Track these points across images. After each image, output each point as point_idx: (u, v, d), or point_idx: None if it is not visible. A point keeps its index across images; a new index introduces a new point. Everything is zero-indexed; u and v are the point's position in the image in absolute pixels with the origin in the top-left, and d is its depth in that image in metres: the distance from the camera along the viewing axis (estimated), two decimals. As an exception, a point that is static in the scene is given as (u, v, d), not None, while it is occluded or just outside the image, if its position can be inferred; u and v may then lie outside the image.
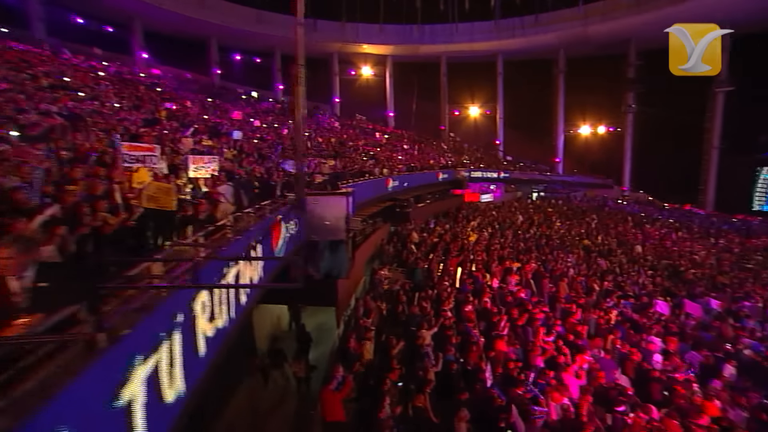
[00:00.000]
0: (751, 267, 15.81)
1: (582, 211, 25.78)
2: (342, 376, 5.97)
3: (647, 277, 13.12)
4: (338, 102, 40.38)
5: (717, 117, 32.65)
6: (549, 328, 8.73)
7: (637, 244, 18.09)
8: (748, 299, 11.70)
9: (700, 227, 23.51)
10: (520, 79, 39.58)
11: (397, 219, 17.50)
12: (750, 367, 8.00)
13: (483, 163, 31.25)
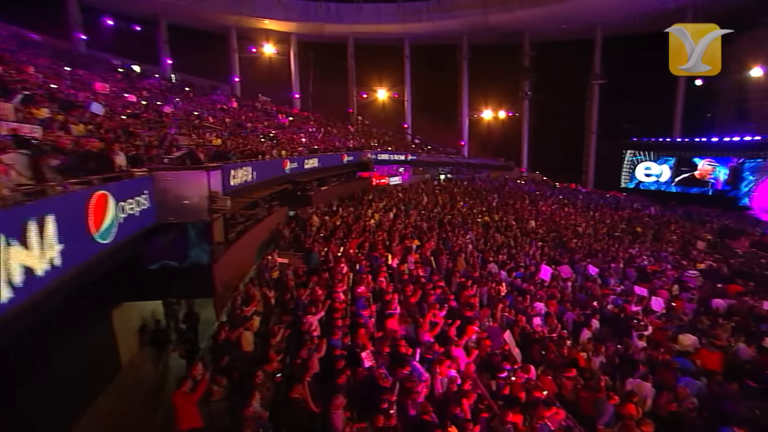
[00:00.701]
0: (617, 235, 18.08)
1: (485, 191, 27.34)
2: (200, 374, 5.17)
3: (537, 249, 14.13)
4: (239, 81, 37.45)
5: (594, 106, 37.12)
6: (443, 303, 8.78)
7: (531, 220, 19.56)
8: (614, 262, 13.21)
9: (583, 203, 26.45)
10: (427, 64, 40.62)
11: (298, 202, 16.65)
12: (610, 319, 8.91)
13: (391, 146, 31.50)
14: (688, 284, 11.89)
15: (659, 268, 13.10)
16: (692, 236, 18.94)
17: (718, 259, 15.25)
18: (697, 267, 13.73)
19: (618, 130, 35.70)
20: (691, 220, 23.55)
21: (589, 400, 5.99)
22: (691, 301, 10.50)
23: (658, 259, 14.49)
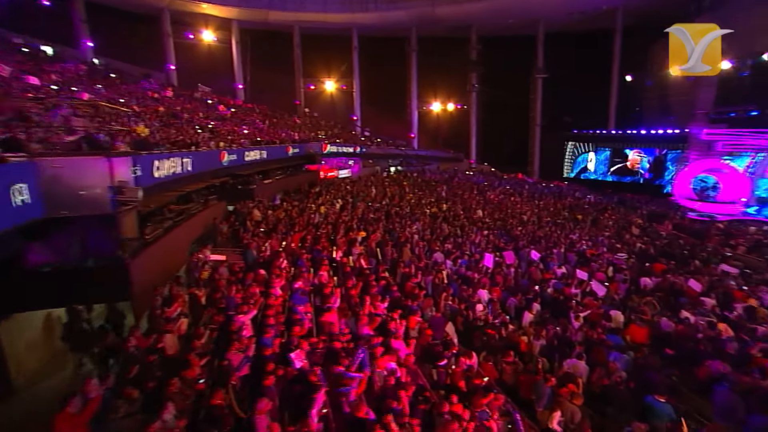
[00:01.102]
0: (560, 222, 18.89)
1: (434, 182, 27.59)
2: (94, 390, 4.52)
3: (483, 237, 14.34)
4: (175, 70, 34.99)
5: (538, 100, 38.71)
6: (385, 294, 8.58)
7: (478, 209, 19.94)
8: (556, 247, 13.70)
9: (528, 192, 27.48)
10: (375, 55, 40.30)
11: (239, 196, 15.77)
12: (550, 302, 9.15)
13: (340, 138, 30.93)
14: (621, 266, 12.55)
15: (596, 252, 13.74)
16: (626, 221, 20.20)
17: (646, 241, 16.30)
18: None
19: (560, 122, 37.52)
20: (624, 207, 25.16)
21: (527, 384, 6.02)
22: (624, 282, 11.05)
23: (595, 244, 15.21)
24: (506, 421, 5.34)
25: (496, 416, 5.34)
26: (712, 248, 16.46)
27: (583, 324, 8.11)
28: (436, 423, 5.05)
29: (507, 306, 8.93)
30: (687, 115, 30.39)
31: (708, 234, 18.90)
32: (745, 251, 16.04)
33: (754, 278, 12.07)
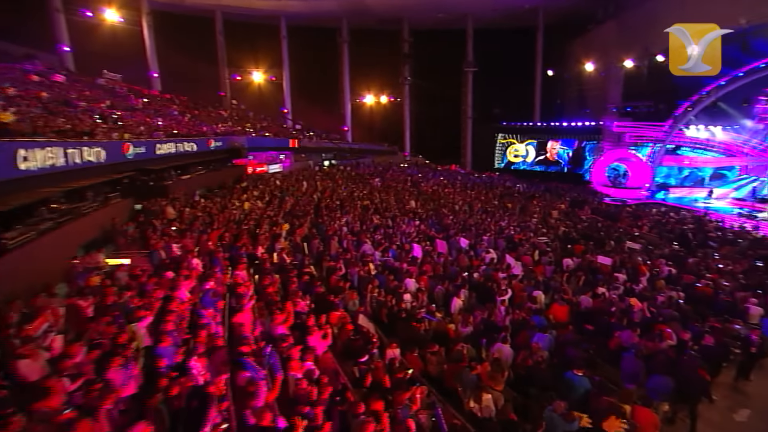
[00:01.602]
0: (490, 210, 19.49)
1: (368, 175, 27.34)
2: None
3: (414, 227, 14.25)
4: (70, 52, 30.93)
5: (468, 93, 39.96)
6: (308, 289, 8.04)
7: (411, 200, 19.95)
8: (486, 234, 13.98)
9: (461, 183, 28.23)
10: (306, 46, 39.02)
11: (150, 193, 14.23)
12: (477, 288, 9.17)
13: (269, 131, 29.52)
14: (544, 248, 13.09)
15: (524, 237, 14.23)
16: (551, 207, 21.37)
17: (569, 225, 17.31)
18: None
19: (490, 115, 39.06)
20: (550, 194, 26.72)
21: (452, 373, 5.82)
22: (549, 263, 11.49)
23: (523, 229, 15.79)
24: (429, 414, 5.08)
25: (418, 410, 5.06)
26: (624, 229, 17.98)
27: (509, 307, 8.17)
28: (352, 425, 4.64)
29: (435, 294, 8.78)
30: (600, 108, 33.06)
31: (620, 216, 20.62)
32: (648, 230, 17.68)
33: (655, 253, 13.20)
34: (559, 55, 35.65)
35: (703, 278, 11.05)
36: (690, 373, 6.36)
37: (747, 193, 25.39)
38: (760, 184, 25.32)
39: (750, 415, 7.01)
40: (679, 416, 6.56)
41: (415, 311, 7.58)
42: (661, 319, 8.06)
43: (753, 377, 7.94)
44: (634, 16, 30.42)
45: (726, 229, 18.62)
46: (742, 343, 7.64)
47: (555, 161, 35.82)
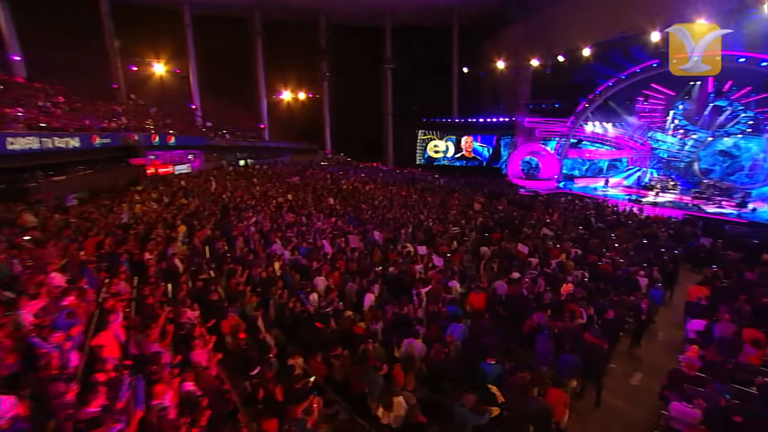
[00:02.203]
0: (410, 204, 19.51)
1: (286, 174, 26.14)
2: None
3: (329, 224, 13.61)
4: None
5: (388, 90, 40.18)
6: (201, 296, 7.01)
7: (329, 197, 19.26)
8: (404, 228, 13.78)
9: (383, 179, 28.15)
10: (215, 38, 36.16)
11: (1, 197, 11.88)
12: (393, 281, 8.80)
13: (175, 129, 26.88)
14: (463, 238, 13.22)
15: (442, 229, 14.26)
16: (471, 200, 22.00)
17: (486, 215, 17.86)
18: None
19: (410, 111, 39.65)
20: (470, 188, 27.66)
21: (357, 375, 5.27)
22: (466, 252, 11.53)
23: (442, 221, 15.89)
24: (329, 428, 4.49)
25: (317, 422, 4.45)
26: (537, 217, 19.01)
27: (426, 299, 7.87)
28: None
29: (347, 291, 8.22)
30: (513, 105, 35.14)
31: (534, 206, 21.91)
32: (557, 217, 18.89)
33: (564, 237, 14.01)
34: (474, 53, 37.29)
35: (603, 257, 11.87)
36: (594, 348, 6.52)
37: (634, 182, 28.59)
38: (642, 174, 28.63)
39: (642, 378, 7.49)
40: (586, 389, 6.74)
41: (321, 311, 6.94)
42: (570, 299, 8.33)
43: (643, 342, 8.56)
44: (538, 19, 32.78)
45: (620, 213, 20.56)
46: (635, 312, 8.15)
47: (473, 157, 37.36)
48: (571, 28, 28.43)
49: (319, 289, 8.02)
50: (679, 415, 5.49)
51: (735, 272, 11.24)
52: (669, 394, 5.92)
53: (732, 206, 22.24)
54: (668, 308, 10.41)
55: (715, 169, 25.97)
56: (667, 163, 27.93)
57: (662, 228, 17.07)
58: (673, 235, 16.15)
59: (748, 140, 24.60)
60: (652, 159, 28.63)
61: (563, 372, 6.01)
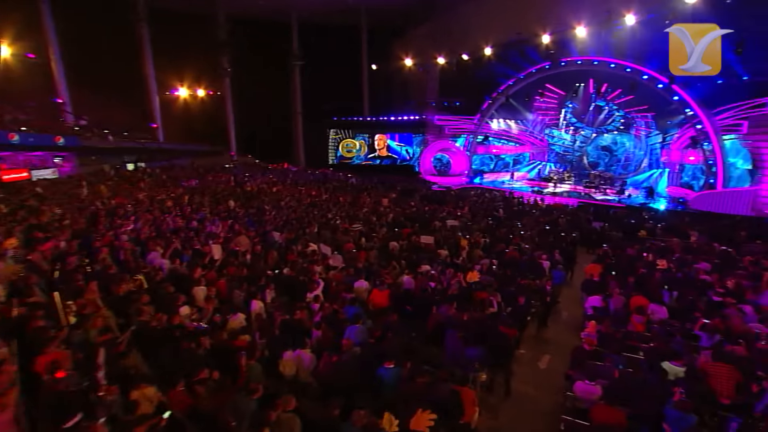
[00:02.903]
0: (318, 203, 18.66)
1: (183, 177, 23.62)
2: None
3: (224, 227, 12.23)
4: None
5: (297, 88, 38.59)
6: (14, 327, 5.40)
7: (230, 200, 17.63)
8: (309, 227, 12.88)
9: (292, 180, 26.85)
10: (84, 19, 30.30)
11: None
12: (287, 284, 7.87)
13: (31, 126, 22.63)
14: (374, 234, 12.68)
15: (350, 226, 13.59)
16: (381, 197, 21.71)
17: (398, 211, 17.62)
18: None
19: (320, 110, 38.55)
20: (383, 186, 27.49)
21: (224, 404, 4.27)
22: (371, 249, 10.94)
23: (351, 219, 15.23)
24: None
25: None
26: (449, 211, 19.33)
27: (323, 302, 7.05)
28: None
29: (233, 299, 7.10)
30: (423, 103, 35.89)
31: (446, 200, 22.40)
32: (468, 210, 19.39)
33: (474, 228, 14.20)
34: (384, 52, 37.24)
35: (511, 244, 12.17)
36: (504, 337, 6.27)
37: (535, 175, 30.89)
38: (542, 167, 31.06)
39: (550, 360, 7.51)
40: (496, 380, 6.47)
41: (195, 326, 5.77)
42: (478, 287, 8.12)
43: (550, 324, 8.69)
44: (444, 20, 33.92)
45: (525, 203, 21.85)
46: (541, 295, 8.20)
47: (387, 155, 37.48)
48: (473, 29, 29.68)
49: (199, 301, 6.80)
50: (583, 394, 5.38)
51: (620, 249, 12.18)
52: (573, 373, 5.84)
53: (614, 193, 25.11)
54: (569, 288, 10.89)
55: (600, 162, 29.04)
56: (562, 157, 30.58)
57: (561, 215, 18.39)
58: (571, 220, 17.40)
59: (623, 136, 27.94)
60: (550, 153, 31.15)
61: (470, 366, 5.61)
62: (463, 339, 5.76)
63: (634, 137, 27.42)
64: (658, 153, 26.31)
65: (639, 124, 26.80)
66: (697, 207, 20.70)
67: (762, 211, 19.22)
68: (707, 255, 11.50)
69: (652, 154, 26.76)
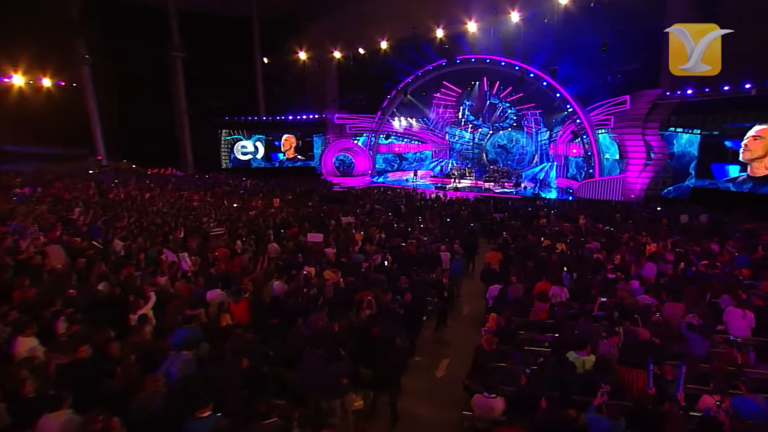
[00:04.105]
0: (195, 208, 16.25)
1: (18, 184, 19.12)
2: None
3: (51, 238, 9.45)
4: None
5: (180, 83, 34.23)
6: None
7: (76, 207, 14.35)
8: (172, 234, 10.64)
9: (174, 185, 23.52)
10: None
11: None
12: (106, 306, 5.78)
13: None
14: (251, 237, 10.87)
15: (221, 232, 11.66)
16: (272, 198, 19.78)
17: (290, 212, 16.05)
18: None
19: (210, 109, 34.80)
20: (281, 189, 25.39)
21: None
22: (245, 251, 9.20)
23: (233, 222, 13.25)
24: None
25: None
26: (349, 209, 18.19)
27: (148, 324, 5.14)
28: None
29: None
30: (321, 102, 34.39)
31: (346, 199, 21.29)
32: (369, 207, 18.44)
33: (371, 224, 13.12)
34: (278, 46, 35.04)
35: (409, 238, 11.26)
36: (383, 345, 4.98)
37: (438, 172, 31.27)
38: (445, 165, 31.59)
39: (449, 364, 6.50)
40: (380, 402, 5.16)
41: None
42: (364, 286, 6.84)
43: (451, 321, 7.74)
44: (340, 13, 32.95)
45: (427, 198, 21.57)
46: (437, 289, 7.18)
47: (290, 157, 35.20)
48: (369, 23, 29.05)
49: None
50: (482, 410, 4.29)
51: (520, 237, 12.00)
52: (470, 383, 4.77)
53: (511, 186, 26.26)
54: (472, 280, 10.18)
55: (498, 158, 30.33)
56: (463, 155, 31.39)
57: (462, 207, 18.36)
58: (472, 212, 17.41)
59: (516, 133, 29.50)
60: (452, 151, 31.79)
61: (329, 390, 4.22)
62: (326, 356, 4.35)
63: (526, 134, 29.02)
64: (547, 148, 28.09)
65: (529, 122, 28.38)
66: (582, 195, 22.27)
67: (629, 196, 21.24)
68: (595, 236, 11.82)
69: (542, 149, 28.51)
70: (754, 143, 17.39)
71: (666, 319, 6.00)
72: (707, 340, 5.31)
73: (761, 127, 17.20)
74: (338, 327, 5.02)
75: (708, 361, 5.01)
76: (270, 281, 6.97)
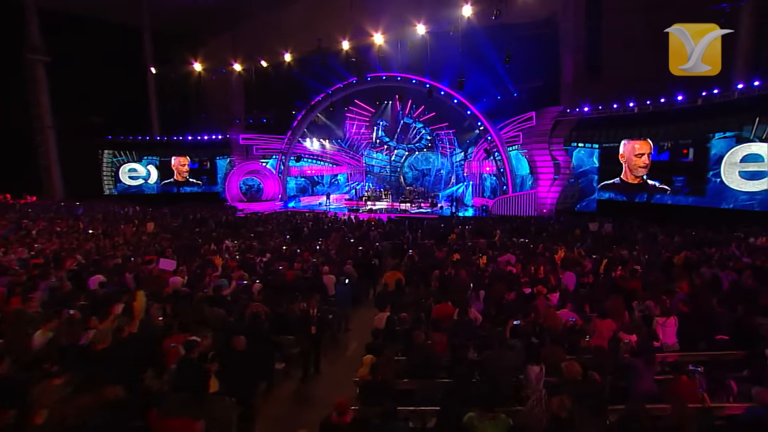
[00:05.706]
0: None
1: None
2: None
3: None
4: None
5: (44, 93, 29.03)
6: None
7: None
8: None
9: (19, 214, 19.20)
10: None
11: None
12: None
13: None
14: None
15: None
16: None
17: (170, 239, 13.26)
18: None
19: (87, 125, 30.03)
20: (173, 216, 22.03)
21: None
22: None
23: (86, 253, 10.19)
24: None
25: None
26: (242, 234, 15.88)
27: None
28: None
29: None
30: (225, 121, 31.55)
31: (244, 225, 18.90)
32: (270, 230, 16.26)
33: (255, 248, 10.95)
34: (177, 62, 31.46)
35: (297, 261, 9.29)
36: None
37: (353, 195, 29.78)
38: (361, 188, 30.24)
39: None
40: None
41: None
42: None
43: (326, 368, 5.75)
44: (241, 24, 30.97)
45: (338, 221, 19.85)
46: (300, 327, 5.20)
47: (186, 181, 31.41)
48: (276, 38, 27.22)
49: None
50: None
51: (429, 255, 10.67)
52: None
53: (427, 206, 25.55)
54: (369, 307, 8.31)
55: (414, 181, 29.74)
56: (381, 177, 30.40)
57: (373, 228, 16.94)
58: (384, 233, 16.07)
59: (432, 154, 29.26)
60: (369, 174, 30.63)
61: None
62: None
63: (441, 155, 28.83)
64: (462, 168, 28.01)
65: (444, 143, 28.22)
66: (496, 211, 22.07)
67: (541, 210, 21.41)
68: (510, 249, 10.90)
69: (457, 170, 28.38)
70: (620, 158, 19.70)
71: (597, 345, 4.66)
72: (651, 367, 3.99)
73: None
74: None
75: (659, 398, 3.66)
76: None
